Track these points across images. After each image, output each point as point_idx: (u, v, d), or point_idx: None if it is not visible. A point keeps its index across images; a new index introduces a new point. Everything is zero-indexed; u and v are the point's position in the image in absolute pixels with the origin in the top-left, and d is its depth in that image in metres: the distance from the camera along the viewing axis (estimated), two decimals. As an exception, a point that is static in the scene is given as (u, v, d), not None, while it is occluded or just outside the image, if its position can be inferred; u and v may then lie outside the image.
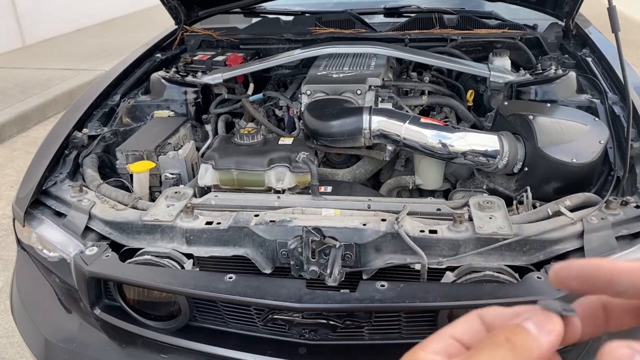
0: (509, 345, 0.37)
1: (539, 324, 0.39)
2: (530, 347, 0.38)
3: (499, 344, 0.38)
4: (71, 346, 1.49)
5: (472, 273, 1.24)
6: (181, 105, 2.05)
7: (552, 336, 0.39)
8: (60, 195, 1.56)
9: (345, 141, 1.66)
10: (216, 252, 1.36)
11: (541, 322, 0.39)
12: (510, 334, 0.38)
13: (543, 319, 0.39)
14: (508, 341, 0.38)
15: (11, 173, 3.96)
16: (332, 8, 2.70)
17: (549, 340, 0.39)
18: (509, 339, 0.38)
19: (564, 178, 1.49)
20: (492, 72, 1.90)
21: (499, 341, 0.38)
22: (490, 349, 0.38)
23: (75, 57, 6.64)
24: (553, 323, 0.39)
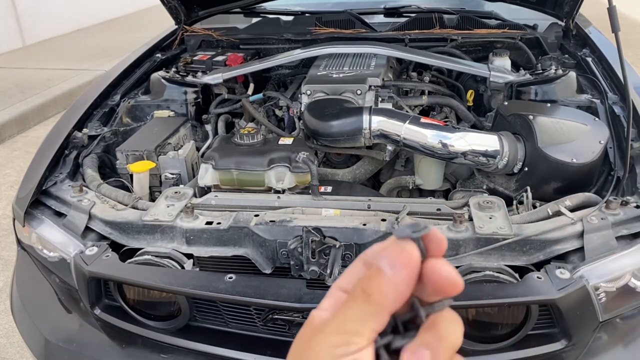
0: (364, 296, 0.37)
1: (392, 260, 0.37)
2: (384, 291, 0.37)
3: (355, 297, 0.37)
4: (71, 346, 1.49)
5: (472, 273, 1.24)
6: (181, 105, 2.05)
7: (406, 270, 0.37)
8: (60, 195, 1.56)
9: (345, 141, 1.66)
10: (216, 252, 1.36)
11: (394, 257, 0.37)
12: (365, 283, 0.37)
13: (396, 253, 0.37)
14: (363, 292, 0.37)
15: (11, 173, 3.96)
16: (332, 8, 2.70)
17: (404, 277, 0.37)
18: (364, 289, 0.37)
19: (564, 178, 1.49)
20: (492, 72, 1.90)
21: (356, 294, 0.38)
22: (348, 304, 0.37)
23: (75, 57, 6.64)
24: (405, 254, 0.37)
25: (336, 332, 0.37)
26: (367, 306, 0.37)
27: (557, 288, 1.17)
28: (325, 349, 0.36)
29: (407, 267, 0.37)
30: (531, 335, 1.27)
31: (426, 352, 0.37)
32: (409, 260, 0.37)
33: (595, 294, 1.23)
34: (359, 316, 0.37)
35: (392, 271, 0.37)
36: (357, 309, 0.37)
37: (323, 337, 0.37)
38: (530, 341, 1.27)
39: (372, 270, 0.38)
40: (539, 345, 1.26)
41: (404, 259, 0.37)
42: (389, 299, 0.37)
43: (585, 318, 1.25)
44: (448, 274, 0.38)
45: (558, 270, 1.21)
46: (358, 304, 0.37)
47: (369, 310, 0.37)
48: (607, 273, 1.23)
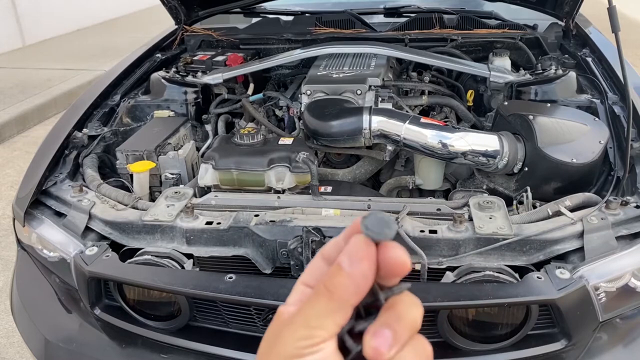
0: (327, 294, 0.39)
1: (351, 255, 0.39)
2: (345, 285, 0.38)
3: (318, 294, 0.39)
4: (71, 346, 1.49)
5: (472, 273, 1.24)
6: (181, 105, 2.05)
7: (364, 264, 0.39)
8: (60, 195, 1.56)
9: (345, 141, 1.66)
10: (216, 252, 1.36)
11: (353, 252, 0.39)
12: (327, 280, 0.39)
13: (354, 247, 0.39)
14: (326, 289, 0.39)
15: (11, 173, 3.96)
16: (332, 8, 2.70)
17: (362, 271, 0.38)
18: (326, 285, 0.39)
19: (564, 178, 1.49)
20: (492, 72, 1.90)
21: (318, 291, 0.39)
22: (313, 301, 0.39)
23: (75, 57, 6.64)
24: (363, 250, 0.39)
25: (302, 327, 0.39)
26: (330, 302, 0.39)
27: (557, 288, 1.17)
28: (290, 342, 0.38)
29: (365, 262, 0.39)
30: (531, 335, 1.27)
31: (386, 331, 0.38)
32: (367, 255, 0.39)
33: (595, 294, 1.23)
34: (323, 312, 0.39)
35: (350, 267, 0.38)
36: (321, 305, 0.39)
37: (290, 331, 0.39)
38: (530, 341, 1.27)
39: (333, 267, 0.39)
40: (539, 345, 1.26)
41: (362, 254, 0.39)
42: (350, 294, 0.39)
43: (585, 318, 1.25)
44: (397, 255, 0.39)
45: (558, 270, 1.21)
46: (322, 300, 0.39)
47: (332, 306, 0.39)
48: (607, 273, 1.23)
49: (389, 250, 0.39)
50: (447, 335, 1.25)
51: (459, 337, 1.26)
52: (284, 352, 0.38)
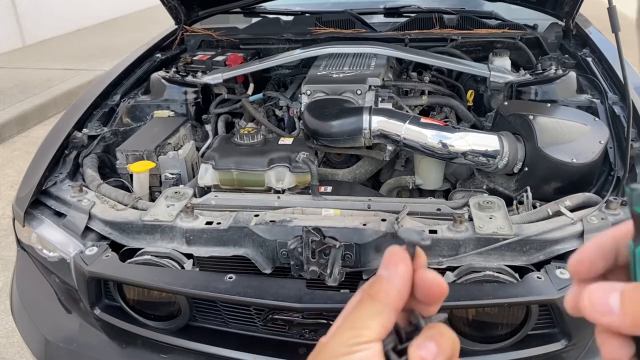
0: (369, 298, 0.42)
1: (387, 265, 0.43)
2: (385, 288, 0.42)
3: (362, 301, 0.43)
4: (71, 346, 1.49)
5: (472, 273, 1.24)
6: (181, 105, 2.05)
7: (400, 268, 0.42)
8: (60, 195, 1.56)
9: (345, 141, 1.66)
10: (216, 252, 1.35)
11: (386, 261, 0.43)
12: (368, 288, 0.43)
13: (389, 255, 0.43)
14: (368, 295, 0.43)
15: (11, 173, 3.96)
16: (332, 8, 2.70)
17: (399, 274, 0.42)
18: (368, 292, 0.43)
19: (564, 178, 1.49)
20: (492, 72, 1.90)
21: (362, 299, 0.43)
22: (356, 308, 0.43)
23: (75, 57, 6.64)
24: (397, 257, 0.43)
25: (348, 329, 0.41)
26: (373, 305, 0.42)
27: (557, 288, 1.17)
28: (338, 343, 0.41)
29: (399, 265, 0.42)
30: (531, 336, 1.27)
31: (431, 344, 0.41)
32: (399, 259, 0.43)
33: (596, 294, 1.22)
34: (367, 314, 0.42)
35: (387, 271, 0.42)
36: (365, 309, 0.42)
37: (337, 336, 0.41)
38: (531, 341, 1.27)
39: (373, 278, 0.44)
40: (539, 345, 1.26)
41: (394, 259, 0.43)
42: (390, 296, 0.42)
43: (586, 318, 1.24)
44: (435, 278, 0.43)
45: (558, 270, 1.21)
46: (365, 305, 0.42)
47: (376, 308, 0.42)
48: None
49: (426, 273, 0.43)
50: (447, 335, 1.25)
51: (459, 337, 1.26)
52: (333, 353, 0.40)
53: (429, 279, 0.42)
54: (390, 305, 0.42)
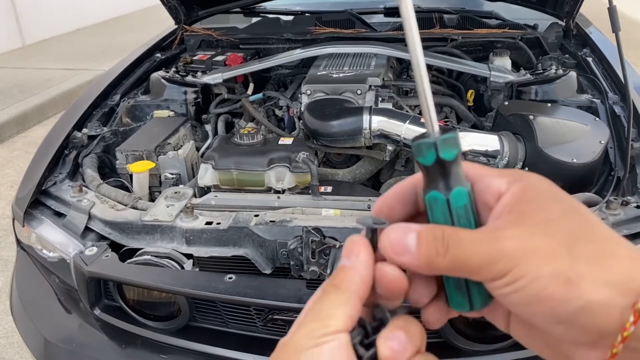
0: (333, 288, 0.41)
1: (348, 254, 0.42)
2: (349, 277, 0.41)
3: (326, 291, 0.41)
4: (71, 346, 1.49)
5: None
6: (181, 105, 2.05)
7: (362, 256, 0.41)
8: (60, 195, 1.56)
9: (346, 141, 1.66)
10: (216, 252, 1.35)
11: (346, 250, 0.42)
12: (331, 280, 0.42)
13: (346, 247, 0.42)
14: (332, 286, 0.41)
15: (11, 173, 3.95)
16: (332, 8, 2.70)
17: (361, 261, 0.41)
18: (332, 284, 0.41)
19: (564, 178, 1.49)
20: (493, 72, 1.90)
21: (326, 290, 0.41)
22: (321, 298, 0.41)
23: (75, 57, 6.64)
24: (358, 245, 0.42)
25: (313, 320, 0.39)
26: (338, 295, 0.40)
27: None
28: (304, 335, 0.39)
29: (360, 253, 0.41)
30: (531, 336, 1.26)
31: (400, 333, 0.40)
32: (361, 247, 0.41)
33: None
34: (333, 304, 0.40)
35: (349, 260, 0.41)
36: (330, 299, 0.40)
37: (301, 328, 0.39)
38: (531, 341, 1.26)
39: (335, 270, 0.42)
40: (539, 346, 1.26)
41: (356, 248, 0.42)
42: (355, 283, 0.40)
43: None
44: (393, 272, 0.41)
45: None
46: (330, 295, 0.40)
47: (341, 297, 0.40)
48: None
49: (385, 268, 0.41)
50: (447, 336, 1.25)
51: (459, 337, 1.26)
52: (299, 346, 0.38)
53: (388, 273, 0.41)
54: (355, 293, 0.40)
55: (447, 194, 0.40)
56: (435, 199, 0.40)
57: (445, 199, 0.40)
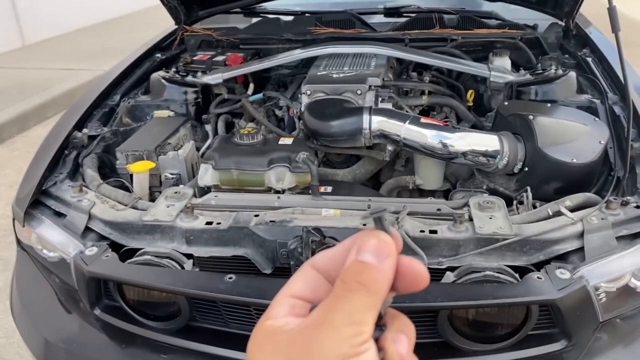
0: (363, 288, 0.39)
1: (376, 252, 0.40)
2: (379, 279, 0.40)
3: (353, 290, 0.39)
4: (71, 346, 1.49)
5: (472, 273, 1.24)
6: (181, 105, 2.05)
7: (392, 258, 0.41)
8: (60, 196, 1.56)
9: (346, 141, 1.66)
10: (216, 252, 1.35)
11: (377, 249, 0.40)
12: (358, 277, 0.39)
13: (377, 246, 0.40)
14: (359, 284, 0.39)
15: (11, 173, 3.95)
16: (332, 8, 2.70)
17: (391, 264, 0.40)
18: (360, 281, 0.39)
19: (564, 178, 1.49)
20: (492, 72, 1.90)
21: (352, 287, 0.39)
22: (348, 297, 0.39)
23: (75, 57, 6.63)
24: (387, 245, 0.41)
25: (346, 325, 0.38)
26: (368, 297, 0.39)
27: (557, 288, 1.17)
28: (340, 341, 0.37)
29: (390, 255, 0.40)
30: (531, 336, 1.27)
31: (403, 337, 0.41)
32: (391, 248, 0.41)
33: (596, 294, 1.23)
34: (363, 306, 0.39)
35: (379, 261, 0.40)
36: (360, 300, 0.39)
37: (331, 333, 0.37)
38: (531, 341, 1.27)
39: (355, 265, 0.40)
40: (539, 346, 1.26)
41: (385, 248, 0.41)
42: (384, 287, 0.40)
43: (586, 318, 1.25)
44: (422, 269, 0.42)
45: (558, 271, 1.21)
46: (359, 296, 0.39)
47: (371, 300, 0.39)
48: (608, 273, 1.23)
49: (413, 262, 0.41)
50: (447, 336, 1.25)
51: (459, 337, 1.26)
52: (335, 352, 0.37)
53: (416, 268, 0.41)
54: (382, 297, 0.40)
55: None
56: None
57: None
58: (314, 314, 0.39)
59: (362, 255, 0.40)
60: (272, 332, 0.40)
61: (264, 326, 0.41)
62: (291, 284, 0.44)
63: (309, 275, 0.44)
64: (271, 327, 0.41)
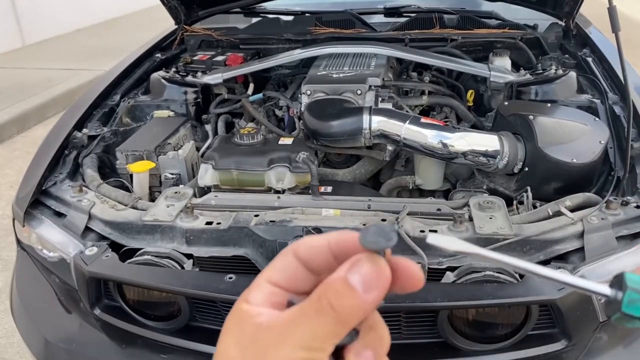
0: (333, 313, 0.36)
1: (366, 280, 0.36)
2: (355, 311, 0.36)
3: (322, 311, 0.36)
4: (71, 346, 1.49)
5: (472, 273, 1.24)
6: (181, 105, 2.05)
7: (380, 292, 0.36)
8: (60, 195, 1.56)
9: (346, 141, 1.66)
10: (216, 252, 1.35)
11: (369, 276, 0.36)
12: (334, 298, 0.36)
13: (370, 273, 0.36)
14: (332, 308, 0.36)
15: (11, 173, 3.95)
16: (332, 8, 2.70)
17: (375, 297, 0.36)
18: (332, 305, 0.36)
19: (564, 178, 1.49)
20: (493, 72, 1.90)
21: (322, 308, 0.36)
22: (314, 319, 0.36)
23: (75, 57, 6.63)
24: (382, 276, 0.37)
25: (301, 349, 0.36)
26: (335, 324, 0.36)
27: (557, 288, 1.17)
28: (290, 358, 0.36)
29: (380, 288, 0.37)
30: (531, 336, 1.27)
31: (370, 353, 0.38)
32: (384, 282, 0.37)
33: (596, 294, 1.22)
34: (326, 333, 0.36)
35: (367, 294, 0.36)
36: (324, 326, 0.36)
37: (284, 350, 0.36)
38: (531, 341, 1.27)
39: (340, 284, 0.36)
40: (539, 346, 1.26)
41: (381, 281, 0.37)
42: (357, 319, 0.37)
43: (586, 318, 1.24)
44: (418, 271, 0.39)
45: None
46: (326, 320, 0.36)
47: (337, 329, 0.36)
48: (608, 273, 1.23)
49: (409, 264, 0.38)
50: (447, 336, 1.25)
51: (459, 337, 1.26)
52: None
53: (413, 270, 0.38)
54: (351, 326, 0.37)
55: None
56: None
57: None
58: (283, 316, 0.38)
59: (350, 276, 0.36)
60: (244, 319, 0.39)
61: (240, 309, 0.39)
62: (271, 268, 0.42)
63: (288, 263, 0.41)
64: (245, 314, 0.39)
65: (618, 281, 0.38)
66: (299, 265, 0.41)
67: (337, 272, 0.37)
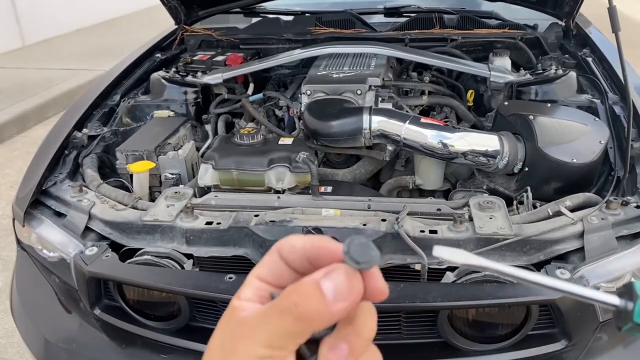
0: (296, 314, 0.36)
1: (339, 291, 0.36)
2: (320, 317, 0.36)
3: (286, 309, 0.36)
4: (71, 346, 1.49)
5: (472, 273, 1.24)
6: (181, 105, 2.05)
7: (348, 305, 0.36)
8: (60, 195, 1.56)
9: (346, 141, 1.66)
10: (216, 252, 1.35)
11: (341, 288, 0.36)
12: (301, 299, 0.36)
13: (344, 284, 0.36)
14: (296, 307, 0.36)
15: (11, 173, 3.95)
16: (332, 8, 2.70)
17: (342, 309, 0.36)
18: (298, 304, 0.36)
19: (564, 178, 1.49)
20: (493, 72, 1.90)
21: (286, 306, 0.36)
22: (277, 317, 0.36)
23: (75, 57, 6.63)
24: (354, 291, 0.37)
25: (262, 346, 0.36)
26: (298, 325, 0.36)
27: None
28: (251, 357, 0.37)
29: (349, 301, 0.37)
30: (531, 336, 1.27)
31: (344, 346, 0.37)
32: (355, 296, 0.37)
33: (596, 294, 1.22)
34: (288, 333, 0.36)
35: (334, 303, 0.36)
36: (287, 325, 0.36)
37: (248, 346, 0.37)
38: (531, 341, 1.27)
39: (311, 287, 0.36)
40: (539, 346, 1.26)
41: (352, 295, 0.37)
42: (319, 324, 0.37)
43: (586, 318, 1.25)
44: (384, 285, 0.38)
45: (558, 271, 1.21)
46: (289, 320, 0.36)
47: (299, 329, 0.36)
48: (608, 273, 1.23)
49: (377, 277, 0.38)
50: (447, 336, 1.25)
51: (459, 337, 1.26)
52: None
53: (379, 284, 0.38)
54: (315, 329, 0.37)
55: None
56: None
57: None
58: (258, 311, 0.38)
59: (324, 281, 0.36)
60: (232, 313, 0.40)
61: (232, 305, 0.41)
62: (260, 265, 0.43)
63: (274, 260, 0.42)
64: (234, 309, 0.40)
65: (627, 291, 0.37)
66: (282, 264, 0.42)
67: (312, 276, 0.37)
